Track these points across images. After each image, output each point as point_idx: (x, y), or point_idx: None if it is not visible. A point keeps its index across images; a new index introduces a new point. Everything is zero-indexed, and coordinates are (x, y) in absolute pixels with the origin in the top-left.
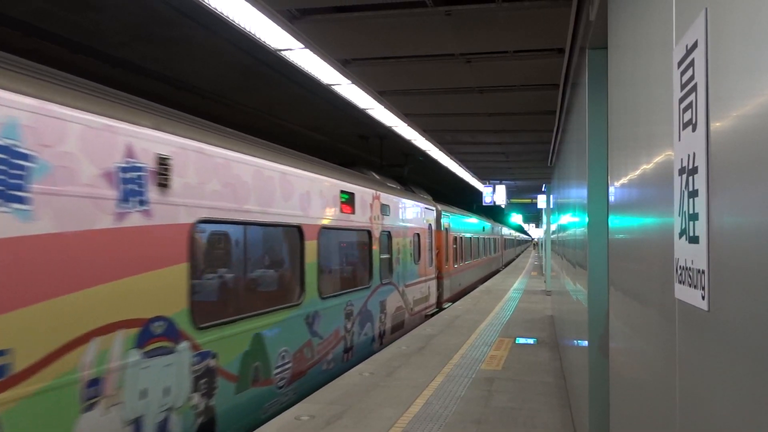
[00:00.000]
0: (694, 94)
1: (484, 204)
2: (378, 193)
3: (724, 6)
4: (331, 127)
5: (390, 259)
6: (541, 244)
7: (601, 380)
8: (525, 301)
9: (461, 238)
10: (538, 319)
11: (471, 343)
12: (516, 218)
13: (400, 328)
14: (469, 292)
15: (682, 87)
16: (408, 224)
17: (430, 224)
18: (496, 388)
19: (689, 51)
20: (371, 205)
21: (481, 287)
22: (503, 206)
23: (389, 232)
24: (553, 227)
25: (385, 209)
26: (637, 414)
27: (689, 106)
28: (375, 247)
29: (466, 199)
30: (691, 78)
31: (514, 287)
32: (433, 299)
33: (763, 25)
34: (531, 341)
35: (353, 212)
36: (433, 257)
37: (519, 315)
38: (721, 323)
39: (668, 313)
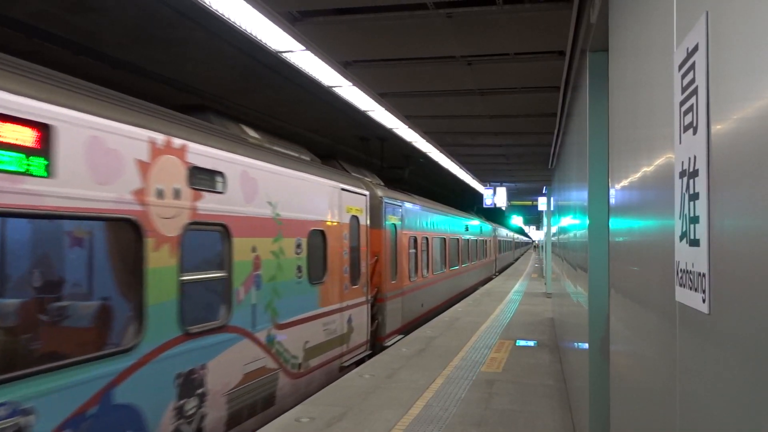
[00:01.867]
0: (694, 97)
1: (484, 206)
2: (180, 142)
3: (724, 9)
4: (332, 129)
5: (228, 281)
6: (542, 247)
7: (602, 383)
8: (525, 303)
9: (427, 239)
10: (539, 322)
11: (471, 345)
12: (516, 220)
13: (267, 406)
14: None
15: (683, 90)
16: (292, 213)
17: (355, 217)
18: (497, 390)
19: (690, 54)
20: (142, 165)
21: (482, 289)
22: (504, 208)
23: (225, 225)
24: (554, 229)
25: (203, 179)
26: (637, 417)
27: (690, 109)
28: (157, 260)
29: (467, 201)
30: (692, 81)
31: (514, 290)
32: (360, 337)
33: (763, 28)
34: (531, 344)
35: (52, 174)
36: (364, 269)
37: (519, 317)
38: (722, 326)
39: (669, 315)
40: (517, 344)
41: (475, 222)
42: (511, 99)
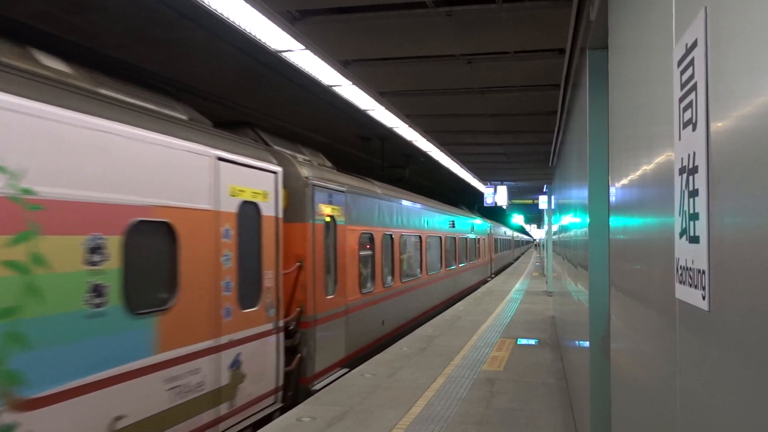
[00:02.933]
0: (694, 93)
1: (485, 205)
2: None
3: (723, 5)
4: (332, 129)
5: None
6: (543, 245)
7: (603, 381)
8: (526, 302)
9: (391, 237)
10: (540, 320)
11: (472, 344)
12: (517, 219)
13: None
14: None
15: (682, 86)
16: (77, 191)
17: (250, 204)
18: (498, 389)
19: (689, 50)
20: None
21: (482, 288)
22: (504, 207)
23: None
24: (555, 228)
25: None
26: (638, 414)
27: (689, 105)
28: None
29: (468, 200)
30: (691, 77)
31: (515, 288)
32: (261, 385)
33: (762, 24)
34: (532, 342)
35: None
36: (269, 282)
37: (520, 316)
38: (722, 323)
39: (669, 313)
40: (518, 343)
41: (465, 218)
42: (511, 97)
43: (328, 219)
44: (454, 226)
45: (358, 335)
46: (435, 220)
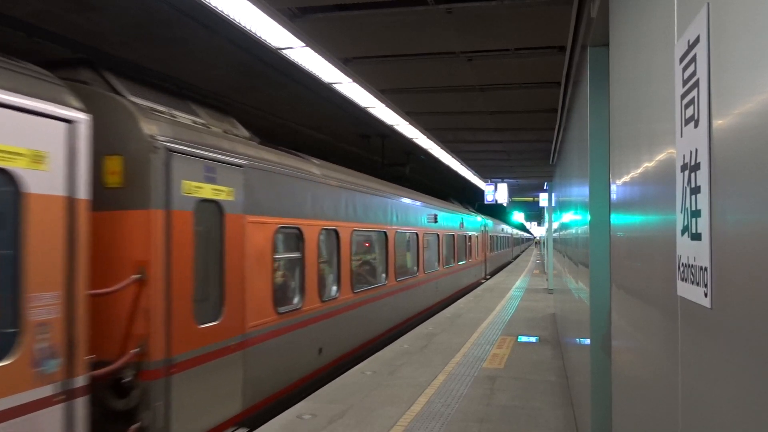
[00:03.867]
0: (696, 89)
1: (485, 202)
2: None
3: (726, 0)
4: (333, 127)
5: None
6: (543, 243)
7: (604, 378)
8: (527, 299)
9: (336, 233)
10: (540, 318)
11: (473, 342)
12: (518, 216)
13: None
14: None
15: (684, 83)
16: None
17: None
18: (499, 386)
19: (691, 46)
20: None
21: (483, 286)
22: (505, 204)
23: None
24: (555, 225)
25: None
26: (639, 412)
27: (691, 101)
28: None
29: (469, 198)
30: (693, 73)
31: (515, 286)
32: None
33: (765, 20)
34: (533, 339)
35: None
36: (41, 313)
37: (521, 313)
38: (724, 320)
39: (670, 310)
40: (519, 340)
41: (453, 213)
42: (512, 95)
43: (206, 205)
44: (436, 221)
45: (272, 375)
46: (409, 214)
